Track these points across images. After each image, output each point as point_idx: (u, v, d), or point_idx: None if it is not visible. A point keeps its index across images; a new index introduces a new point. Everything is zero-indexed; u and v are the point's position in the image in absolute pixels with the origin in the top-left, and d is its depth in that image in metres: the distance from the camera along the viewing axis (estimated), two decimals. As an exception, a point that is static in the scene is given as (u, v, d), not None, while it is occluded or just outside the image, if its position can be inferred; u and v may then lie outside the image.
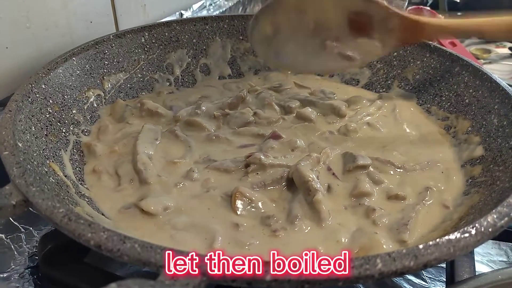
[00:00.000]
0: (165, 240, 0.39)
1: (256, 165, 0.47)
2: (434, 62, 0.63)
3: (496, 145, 0.49)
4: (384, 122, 0.59)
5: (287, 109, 0.60)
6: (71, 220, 0.31)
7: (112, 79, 0.61)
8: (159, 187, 0.45)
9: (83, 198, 0.44)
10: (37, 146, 0.44)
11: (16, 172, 0.36)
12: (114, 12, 0.71)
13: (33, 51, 0.58)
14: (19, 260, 0.45)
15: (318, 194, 0.43)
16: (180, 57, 0.69)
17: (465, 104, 0.57)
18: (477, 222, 0.32)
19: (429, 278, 0.47)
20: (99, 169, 0.48)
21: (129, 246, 0.29)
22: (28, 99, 0.46)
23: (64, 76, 0.54)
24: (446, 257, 0.30)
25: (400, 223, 0.42)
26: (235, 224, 0.41)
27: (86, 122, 0.55)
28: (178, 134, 0.54)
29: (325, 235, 0.41)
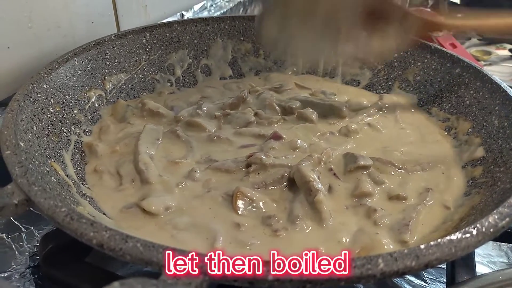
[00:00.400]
0: (166, 240, 0.39)
1: (257, 165, 0.47)
2: (434, 63, 0.63)
3: (497, 146, 0.49)
4: (384, 123, 0.59)
5: (288, 110, 0.60)
6: (73, 220, 0.31)
7: (114, 79, 0.61)
8: (160, 187, 0.45)
9: (85, 197, 0.44)
10: (39, 145, 0.44)
11: (18, 171, 0.36)
12: (115, 13, 0.71)
13: (34, 51, 0.58)
14: (20, 260, 0.45)
15: (319, 194, 0.43)
16: (181, 58, 0.69)
17: (465, 105, 0.57)
18: (478, 223, 0.32)
19: (429, 279, 0.47)
20: (100, 169, 0.48)
21: (131, 245, 0.29)
22: (30, 99, 0.47)
23: (66, 76, 0.54)
24: (448, 257, 0.30)
25: (401, 223, 0.42)
26: (236, 224, 0.41)
27: (87, 122, 0.55)
28: (180, 134, 0.54)
29: (326, 235, 0.41)
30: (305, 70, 0.72)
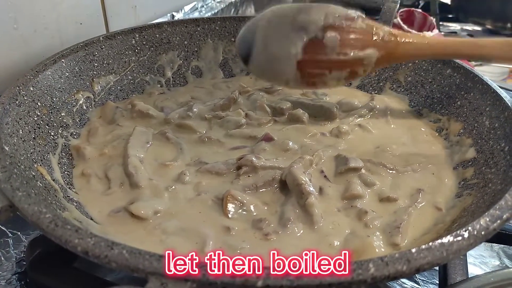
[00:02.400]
0: (155, 244, 0.38)
1: (248, 167, 0.47)
2: (425, 64, 0.63)
3: (488, 147, 0.49)
4: (375, 124, 0.59)
5: (279, 111, 0.60)
6: (58, 226, 0.30)
7: (102, 81, 0.61)
8: (149, 191, 0.45)
9: (71, 202, 0.43)
10: (25, 149, 0.44)
11: (2, 176, 0.35)
12: (104, 14, 0.71)
13: (21, 53, 0.57)
14: (6, 266, 0.44)
15: (310, 197, 0.43)
16: (171, 59, 0.68)
17: (456, 106, 0.57)
18: (470, 225, 0.32)
19: (422, 281, 0.47)
20: (88, 172, 0.48)
21: (117, 252, 0.28)
22: (16, 102, 0.46)
23: (53, 78, 0.53)
24: (439, 261, 0.30)
25: (393, 225, 0.42)
26: (227, 228, 0.41)
27: (75, 125, 0.54)
28: (169, 136, 0.53)
29: (318, 238, 0.40)
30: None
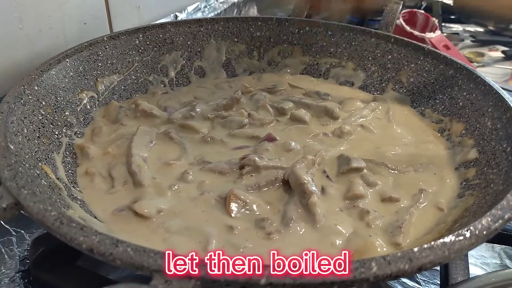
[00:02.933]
0: (159, 243, 0.39)
1: (251, 167, 0.47)
2: (428, 65, 0.63)
3: (490, 148, 0.49)
4: (378, 125, 0.59)
5: (281, 111, 0.60)
6: (63, 224, 0.31)
7: (106, 80, 0.61)
8: (153, 190, 0.45)
9: (76, 201, 0.43)
10: (29, 148, 0.44)
11: (7, 174, 0.35)
12: (108, 14, 0.71)
13: (26, 52, 0.58)
14: (10, 264, 0.45)
15: (313, 196, 0.43)
16: (174, 59, 0.68)
17: (459, 107, 0.57)
18: (471, 225, 0.32)
19: (423, 281, 0.47)
20: (92, 171, 0.48)
21: (121, 250, 0.29)
22: (21, 101, 0.46)
23: (57, 77, 0.53)
24: (441, 260, 0.30)
25: (394, 225, 0.42)
26: (230, 227, 0.41)
27: (79, 124, 0.54)
28: (173, 136, 0.54)
29: (320, 237, 0.40)
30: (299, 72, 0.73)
